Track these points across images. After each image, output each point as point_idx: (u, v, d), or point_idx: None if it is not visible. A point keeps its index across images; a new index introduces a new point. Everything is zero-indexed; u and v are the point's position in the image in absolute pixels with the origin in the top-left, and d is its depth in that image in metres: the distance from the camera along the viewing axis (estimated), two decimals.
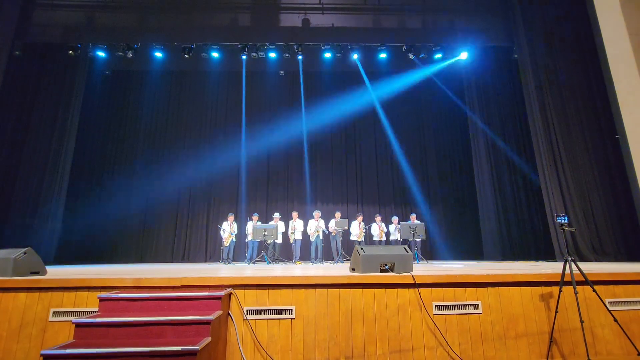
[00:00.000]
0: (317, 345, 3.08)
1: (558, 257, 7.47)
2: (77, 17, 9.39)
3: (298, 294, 3.21)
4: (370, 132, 11.18)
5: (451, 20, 9.67)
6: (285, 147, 10.91)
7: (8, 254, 3.53)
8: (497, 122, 9.55)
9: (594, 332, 3.17)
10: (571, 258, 3.05)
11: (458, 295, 3.24)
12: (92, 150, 10.48)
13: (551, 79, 8.32)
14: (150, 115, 10.97)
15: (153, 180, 10.53)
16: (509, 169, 9.25)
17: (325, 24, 9.56)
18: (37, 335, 3.04)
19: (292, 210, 9.53)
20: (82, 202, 10.02)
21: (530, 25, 8.72)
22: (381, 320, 3.15)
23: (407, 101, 11.34)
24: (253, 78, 11.19)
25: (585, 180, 7.70)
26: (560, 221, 3.21)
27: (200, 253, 10.08)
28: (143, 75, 11.05)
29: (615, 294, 3.28)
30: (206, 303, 2.91)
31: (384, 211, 10.29)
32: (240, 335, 3.08)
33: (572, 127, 8.00)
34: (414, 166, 10.91)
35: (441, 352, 3.08)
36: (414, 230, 7.58)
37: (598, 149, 7.78)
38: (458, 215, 10.52)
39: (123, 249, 9.93)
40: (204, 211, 10.43)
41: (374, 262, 3.51)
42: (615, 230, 7.35)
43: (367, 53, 9.85)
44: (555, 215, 3.46)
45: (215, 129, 11.01)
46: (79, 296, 3.15)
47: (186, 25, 9.48)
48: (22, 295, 3.14)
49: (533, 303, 3.23)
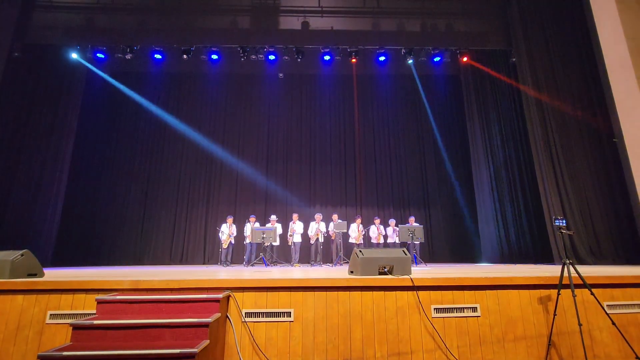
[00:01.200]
0: (315, 348, 3.08)
1: (556, 260, 7.49)
2: (77, 18, 9.40)
3: (297, 296, 3.20)
4: (369, 134, 11.20)
5: (450, 24, 9.73)
6: (284, 149, 10.94)
7: (5, 256, 3.51)
8: (495, 126, 9.58)
9: (592, 335, 3.18)
10: (569, 261, 3.05)
11: (457, 298, 3.24)
12: (90, 152, 10.45)
13: (549, 82, 8.37)
14: (149, 117, 10.96)
15: (151, 182, 10.52)
16: (507, 172, 9.28)
17: (324, 27, 9.60)
18: (34, 337, 3.02)
19: (291, 212, 9.55)
20: (80, 204, 10.00)
21: (529, 30, 8.78)
22: (380, 323, 3.15)
23: (406, 104, 11.39)
24: (252, 80, 11.22)
25: (584, 184, 7.73)
26: (558, 224, 3.22)
27: (198, 255, 10.05)
28: (142, 77, 11.06)
29: (613, 297, 3.29)
30: (204, 306, 2.90)
31: (382, 214, 10.30)
32: (239, 338, 3.07)
33: (570, 131, 8.04)
34: (412, 169, 10.95)
35: (439, 355, 3.08)
36: (413, 233, 7.59)
37: (596, 153, 7.83)
38: (457, 218, 10.53)
39: (121, 251, 9.89)
40: (203, 213, 10.41)
41: (372, 265, 3.51)
42: (613, 233, 7.37)
43: (365, 56, 9.88)
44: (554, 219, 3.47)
45: (214, 130, 11.01)
46: (77, 298, 3.13)
47: (186, 27, 9.50)
48: (19, 297, 3.12)
49: (531, 306, 3.24)
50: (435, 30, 9.73)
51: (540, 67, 8.49)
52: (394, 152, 11.08)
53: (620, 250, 7.23)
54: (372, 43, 9.58)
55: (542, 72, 8.46)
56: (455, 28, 9.70)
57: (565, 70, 8.35)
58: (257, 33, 9.55)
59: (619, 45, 5.86)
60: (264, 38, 9.49)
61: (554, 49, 8.51)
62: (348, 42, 9.52)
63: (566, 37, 8.50)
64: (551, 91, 8.29)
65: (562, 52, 8.45)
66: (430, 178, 10.89)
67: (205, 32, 9.51)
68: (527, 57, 8.63)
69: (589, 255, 7.27)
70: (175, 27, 9.47)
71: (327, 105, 11.29)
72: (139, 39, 9.39)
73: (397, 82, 11.34)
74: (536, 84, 8.44)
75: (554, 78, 8.37)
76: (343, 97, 11.39)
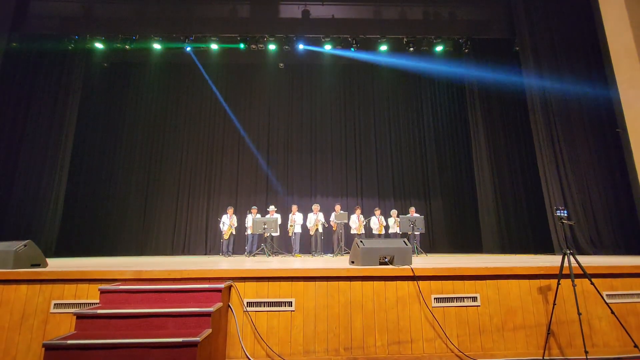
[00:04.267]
0: (316, 336, 3.11)
1: (557, 251, 7.51)
2: (74, 8, 9.28)
3: (298, 286, 3.23)
4: (370, 124, 11.14)
5: (452, 12, 9.58)
6: (284, 139, 10.90)
7: (8, 247, 3.54)
8: (497, 115, 9.51)
9: (591, 324, 3.20)
10: (570, 251, 3.06)
11: (457, 288, 3.26)
12: (91, 142, 10.44)
13: (553, 71, 8.27)
14: (149, 108, 10.91)
15: (152, 173, 10.52)
16: (508, 162, 9.24)
17: (325, 15, 9.47)
18: (39, 326, 3.06)
19: (291, 203, 9.55)
20: (82, 195, 10.03)
21: (532, 18, 8.64)
22: (380, 312, 3.18)
23: (407, 94, 11.30)
24: (252, 70, 11.12)
25: (585, 174, 7.70)
26: (559, 214, 3.21)
27: (200, 246, 10.11)
28: (141, 67, 10.97)
29: (613, 287, 3.31)
30: (207, 295, 2.93)
31: (383, 204, 10.30)
32: (241, 326, 3.10)
33: (573, 120, 7.98)
34: (413, 159, 10.91)
35: (439, 343, 3.11)
36: (413, 223, 7.60)
37: (598, 143, 7.77)
38: (457, 208, 10.53)
39: (123, 241, 9.95)
40: (204, 204, 10.44)
41: (373, 255, 3.52)
42: (614, 223, 7.37)
43: (367, 45, 9.76)
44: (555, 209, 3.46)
45: (214, 121, 10.97)
46: (80, 288, 3.16)
47: (185, 16, 9.38)
48: (23, 287, 3.15)
49: (531, 296, 3.26)
50: (437, 18, 9.58)
51: (544, 56, 8.38)
52: (395, 142, 11.02)
53: (621, 241, 7.24)
54: (374, 32, 9.45)
55: (546, 60, 8.35)
56: (458, 16, 9.55)
57: (569, 58, 8.23)
58: (257, 22, 9.43)
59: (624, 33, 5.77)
60: (264, 27, 9.37)
61: (557, 37, 8.39)
62: (349, 31, 9.39)
63: (570, 25, 8.37)
64: (554, 80, 8.19)
65: (565, 40, 8.32)
66: (431, 168, 10.85)
67: (205, 22, 9.39)
68: (530, 45, 8.51)
69: (589, 246, 7.28)
70: (174, 16, 9.35)
71: (328, 95, 11.20)
72: (137, 28, 9.28)
73: (398, 71, 11.21)
74: (539, 72, 8.34)
75: (557, 66, 8.27)
76: (344, 87, 11.29)
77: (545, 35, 8.46)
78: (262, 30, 9.33)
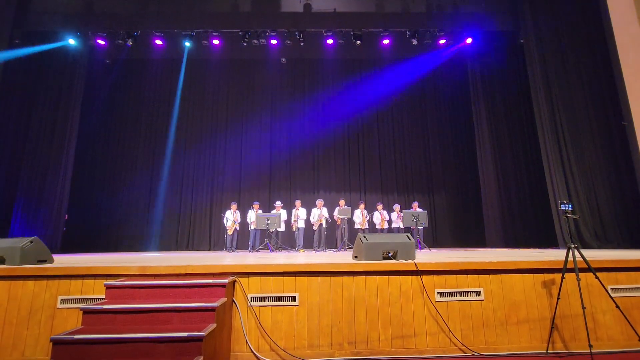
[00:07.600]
0: (320, 331, 3.13)
1: (561, 245, 7.48)
2: (76, 4, 9.27)
3: (301, 281, 3.24)
4: (373, 119, 11.09)
5: (455, 5, 9.47)
6: (287, 135, 10.88)
7: (15, 243, 3.57)
8: (501, 109, 9.43)
9: (595, 318, 3.20)
10: (574, 245, 3.04)
11: (460, 282, 3.26)
12: (95, 139, 10.48)
13: (557, 64, 8.17)
14: (152, 105, 10.93)
15: (156, 169, 10.56)
16: (512, 156, 9.18)
17: (327, 8, 9.39)
18: (46, 321, 3.10)
19: (295, 198, 9.57)
20: (86, 192, 10.10)
21: (537, 10, 8.52)
22: (384, 306, 3.19)
23: (410, 88, 11.21)
24: (254, 65, 11.08)
25: (590, 168, 7.64)
26: (564, 208, 3.19)
27: (204, 241, 10.18)
28: (143, 63, 10.96)
29: (617, 281, 3.29)
30: (211, 290, 2.95)
31: (386, 199, 10.30)
32: (245, 321, 3.13)
33: (578, 113, 7.89)
34: (417, 154, 10.87)
35: (443, 337, 3.12)
36: (417, 218, 7.60)
37: (604, 136, 7.69)
38: (461, 203, 10.50)
39: (128, 238, 10.03)
40: (207, 200, 10.49)
41: (376, 250, 3.53)
42: (618, 217, 7.32)
43: (369, 39, 9.67)
44: (559, 203, 3.44)
45: (217, 117, 10.97)
46: (86, 284, 3.20)
47: (186, 11, 9.35)
48: (31, 283, 3.19)
49: (535, 290, 3.25)
50: (440, 11, 9.48)
51: (548, 49, 8.27)
52: (398, 137, 10.98)
53: (626, 235, 7.19)
54: (376, 25, 9.36)
55: (550, 53, 8.25)
56: (461, 8, 9.44)
57: (574, 51, 8.13)
58: (259, 16, 9.37)
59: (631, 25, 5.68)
60: (266, 21, 9.31)
61: (562, 29, 8.27)
62: (351, 24, 9.31)
63: (576, 18, 8.24)
64: (559, 73, 8.10)
65: (570, 33, 8.20)
66: (434, 163, 10.81)
67: (206, 17, 9.35)
68: (535, 38, 8.41)
69: (594, 240, 7.25)
70: (175, 12, 9.32)
71: (331, 89, 11.14)
72: (139, 24, 9.26)
73: (401, 66, 11.13)
74: (543, 65, 8.24)
75: (562, 59, 8.17)
76: (346, 81, 11.23)
77: (550, 27, 8.35)
78: (263, 24, 9.28)
